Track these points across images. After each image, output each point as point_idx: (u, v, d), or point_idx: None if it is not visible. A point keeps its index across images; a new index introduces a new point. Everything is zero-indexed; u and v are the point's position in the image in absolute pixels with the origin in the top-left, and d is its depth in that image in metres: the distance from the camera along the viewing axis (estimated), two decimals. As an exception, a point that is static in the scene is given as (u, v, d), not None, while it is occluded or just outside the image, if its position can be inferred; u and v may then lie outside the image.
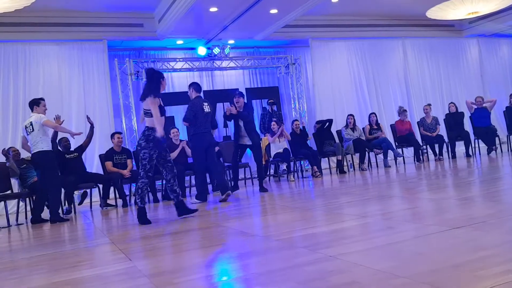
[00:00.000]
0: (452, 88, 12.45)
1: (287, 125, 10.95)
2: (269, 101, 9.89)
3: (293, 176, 8.60)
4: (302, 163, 9.85)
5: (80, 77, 9.03)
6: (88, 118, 7.18)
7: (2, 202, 6.39)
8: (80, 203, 6.59)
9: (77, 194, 6.50)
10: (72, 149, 7.16)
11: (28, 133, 5.77)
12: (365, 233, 2.94)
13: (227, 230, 3.63)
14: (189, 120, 6.11)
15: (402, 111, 9.77)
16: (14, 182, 7.05)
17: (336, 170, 9.10)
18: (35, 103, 5.96)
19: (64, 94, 8.85)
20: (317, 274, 2.05)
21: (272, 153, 8.80)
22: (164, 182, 7.58)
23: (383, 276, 1.90)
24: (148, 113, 4.60)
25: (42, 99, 6.09)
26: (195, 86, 6.32)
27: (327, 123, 9.34)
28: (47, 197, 5.88)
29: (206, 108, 6.16)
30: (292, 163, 8.90)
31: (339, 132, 9.54)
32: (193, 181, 8.60)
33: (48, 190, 5.78)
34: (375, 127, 9.56)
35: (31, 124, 5.75)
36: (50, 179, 5.76)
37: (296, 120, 9.37)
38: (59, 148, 7.02)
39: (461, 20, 11.16)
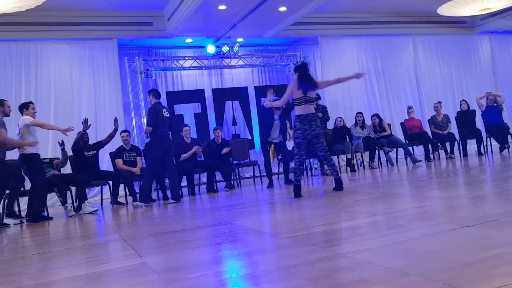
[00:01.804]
0: (463, 85, 12.32)
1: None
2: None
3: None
4: (311, 161, 9.82)
5: (90, 76, 9.08)
6: (115, 121, 7.24)
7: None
8: (78, 210, 6.58)
9: (88, 206, 6.45)
10: (90, 143, 7.19)
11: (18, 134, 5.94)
12: (375, 231, 2.92)
13: (236, 227, 3.64)
14: (152, 124, 6.44)
15: (407, 109, 9.78)
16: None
17: (346, 169, 9.07)
18: (24, 107, 6.09)
19: (74, 92, 8.91)
20: (326, 271, 2.04)
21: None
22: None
23: (394, 274, 1.88)
24: (295, 101, 5.39)
25: (31, 102, 6.24)
26: (154, 93, 6.72)
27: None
28: (40, 195, 6.00)
29: (165, 113, 6.57)
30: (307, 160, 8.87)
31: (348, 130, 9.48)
32: (202, 179, 8.65)
33: (33, 190, 5.93)
34: (379, 129, 9.41)
35: (18, 126, 5.92)
36: (35, 180, 5.89)
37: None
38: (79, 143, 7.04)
39: (472, 16, 11.05)
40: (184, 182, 7.76)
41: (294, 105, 5.44)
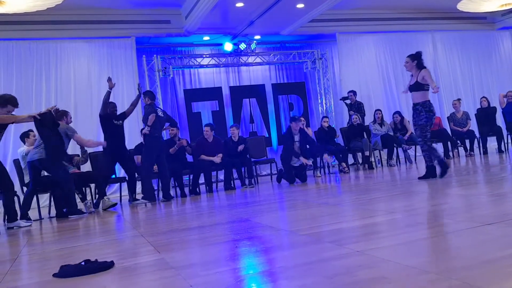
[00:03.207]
0: (484, 82, 12.11)
1: (313, 122, 10.90)
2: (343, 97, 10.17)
3: (319, 172, 8.55)
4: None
5: (109, 74, 9.08)
6: (139, 85, 7.31)
7: (34, 196, 6.52)
8: (97, 206, 6.62)
9: (108, 201, 6.49)
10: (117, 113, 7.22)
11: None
12: (394, 228, 2.90)
13: (253, 224, 3.65)
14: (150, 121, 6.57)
15: None
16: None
17: (364, 166, 9.01)
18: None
19: (93, 90, 9.03)
20: (345, 268, 2.03)
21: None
22: (191, 177, 7.71)
23: (412, 271, 1.87)
24: (426, 86, 5.47)
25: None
26: (149, 94, 6.89)
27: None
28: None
29: (160, 113, 6.75)
30: (318, 159, 8.85)
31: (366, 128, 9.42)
32: (220, 176, 8.68)
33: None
34: (399, 127, 9.34)
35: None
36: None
37: (326, 116, 9.30)
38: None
39: (493, 12, 10.84)
40: (201, 179, 7.80)
41: (425, 90, 5.53)
